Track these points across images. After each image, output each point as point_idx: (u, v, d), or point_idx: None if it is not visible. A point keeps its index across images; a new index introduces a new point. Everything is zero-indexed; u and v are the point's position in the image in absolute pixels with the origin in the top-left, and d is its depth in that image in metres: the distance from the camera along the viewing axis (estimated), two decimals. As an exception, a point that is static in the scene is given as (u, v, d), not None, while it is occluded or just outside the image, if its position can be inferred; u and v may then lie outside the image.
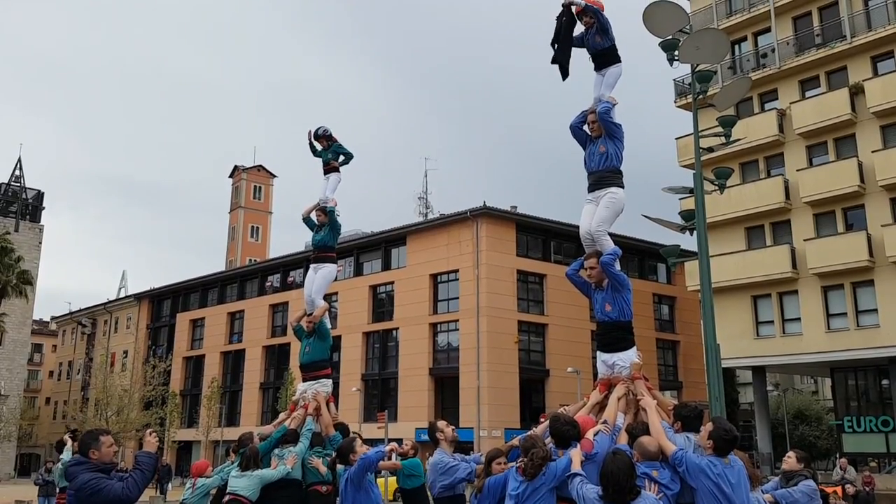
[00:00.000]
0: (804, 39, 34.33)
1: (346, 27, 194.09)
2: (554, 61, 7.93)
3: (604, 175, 7.34)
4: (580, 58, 7.99)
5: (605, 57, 7.71)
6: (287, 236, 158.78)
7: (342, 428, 9.32)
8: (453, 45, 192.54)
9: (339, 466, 8.20)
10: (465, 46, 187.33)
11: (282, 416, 9.91)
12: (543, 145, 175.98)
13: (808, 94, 34.02)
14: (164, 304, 65.61)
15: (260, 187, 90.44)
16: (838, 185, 31.44)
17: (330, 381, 9.86)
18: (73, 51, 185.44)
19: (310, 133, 11.27)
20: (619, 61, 7.73)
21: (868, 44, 32.12)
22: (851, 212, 31.97)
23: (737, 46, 35.98)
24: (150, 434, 5.99)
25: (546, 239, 45.17)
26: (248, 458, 8.24)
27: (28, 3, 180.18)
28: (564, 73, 7.95)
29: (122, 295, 74.48)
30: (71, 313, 77.41)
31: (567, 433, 5.76)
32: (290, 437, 8.78)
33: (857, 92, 31.81)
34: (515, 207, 45.52)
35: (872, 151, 30.94)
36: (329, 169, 11.01)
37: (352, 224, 55.64)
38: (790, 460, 7.76)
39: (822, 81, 33.76)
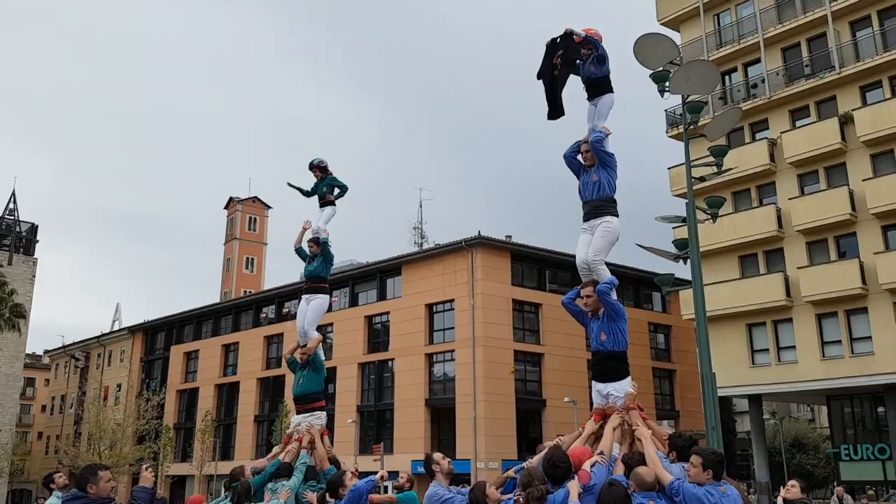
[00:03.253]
0: (794, 70, 34.75)
1: (341, 59, 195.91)
2: (552, 116, 8.02)
3: (598, 204, 7.36)
4: (573, 87, 8.01)
5: (598, 87, 7.71)
6: (282, 267, 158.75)
7: (334, 462, 9.27)
8: (448, 76, 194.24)
9: (330, 501, 8.12)
10: (460, 77, 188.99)
11: (276, 449, 9.84)
12: (538, 175, 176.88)
13: (798, 123, 34.35)
14: (158, 336, 65.30)
15: (255, 218, 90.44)
16: (830, 214, 31.65)
17: (324, 414, 9.80)
18: (68, 83, 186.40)
19: (301, 190, 11.31)
20: (612, 91, 7.74)
21: (856, 74, 32.53)
22: (844, 240, 32.14)
23: (727, 77, 36.40)
24: (146, 469, 6.00)
25: (541, 268, 45.14)
26: (241, 493, 8.14)
27: (22, 36, 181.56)
28: (558, 113, 8.05)
29: (116, 328, 74.14)
30: (64, 347, 76.92)
31: (560, 475, 5.71)
32: (284, 471, 8.70)
33: (846, 121, 32.16)
34: (510, 237, 45.42)
35: (863, 180, 31.20)
36: (325, 202, 11.07)
37: (346, 254, 55.54)
38: (794, 489, 7.66)
39: (812, 111, 34.12)
